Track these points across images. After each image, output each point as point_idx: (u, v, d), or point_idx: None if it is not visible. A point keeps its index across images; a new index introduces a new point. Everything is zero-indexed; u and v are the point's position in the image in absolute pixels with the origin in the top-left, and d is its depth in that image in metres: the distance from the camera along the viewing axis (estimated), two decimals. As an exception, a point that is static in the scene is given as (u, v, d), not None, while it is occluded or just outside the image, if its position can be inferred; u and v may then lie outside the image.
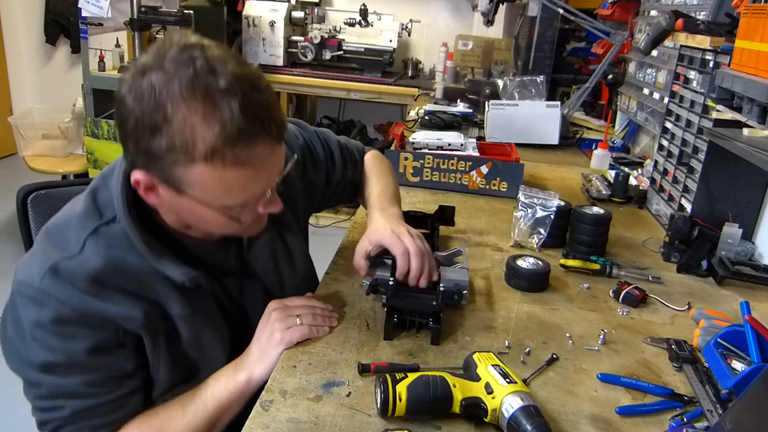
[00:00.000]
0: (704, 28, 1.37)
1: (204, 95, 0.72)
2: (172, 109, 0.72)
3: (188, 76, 0.72)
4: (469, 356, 0.85)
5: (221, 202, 0.80)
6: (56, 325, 0.81)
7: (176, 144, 0.73)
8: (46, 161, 3.40)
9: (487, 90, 2.82)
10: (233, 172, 0.76)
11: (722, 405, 0.84)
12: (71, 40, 4.79)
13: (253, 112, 0.75)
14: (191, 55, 0.73)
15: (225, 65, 0.74)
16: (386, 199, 1.17)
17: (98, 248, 0.83)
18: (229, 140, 0.73)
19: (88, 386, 0.84)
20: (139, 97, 0.73)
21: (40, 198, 1.15)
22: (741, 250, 1.34)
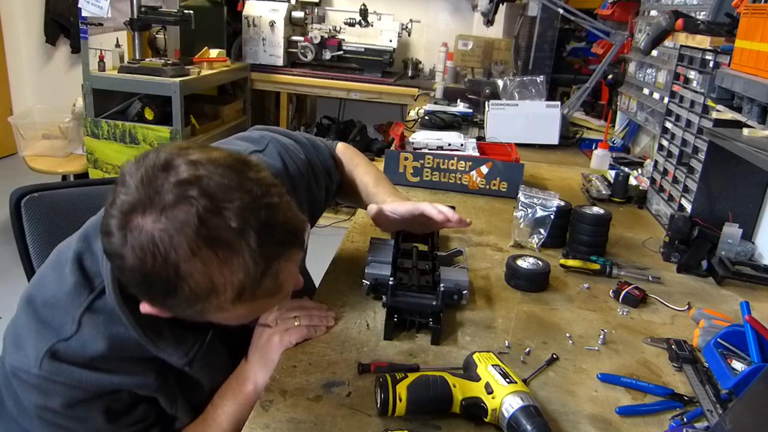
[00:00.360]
0: (704, 28, 1.37)
1: (216, 243, 0.64)
2: (185, 265, 0.64)
3: (193, 225, 0.63)
4: (469, 356, 0.85)
5: (245, 321, 0.78)
6: (69, 409, 0.77)
7: (196, 296, 0.67)
8: (46, 161, 3.40)
9: (487, 90, 2.82)
10: (261, 300, 0.72)
11: (722, 405, 0.84)
12: (71, 40, 4.79)
13: (273, 238, 0.67)
14: (187, 195, 0.63)
15: (228, 194, 0.65)
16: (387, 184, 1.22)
17: (97, 327, 0.77)
18: (255, 280, 0.67)
19: None
20: (141, 254, 0.64)
21: (34, 201, 1.11)
22: (741, 250, 1.34)
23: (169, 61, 3.04)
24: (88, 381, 0.77)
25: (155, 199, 0.63)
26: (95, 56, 3.01)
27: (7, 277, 2.88)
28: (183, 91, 2.97)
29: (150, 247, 0.63)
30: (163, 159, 0.65)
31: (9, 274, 2.90)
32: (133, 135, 3.01)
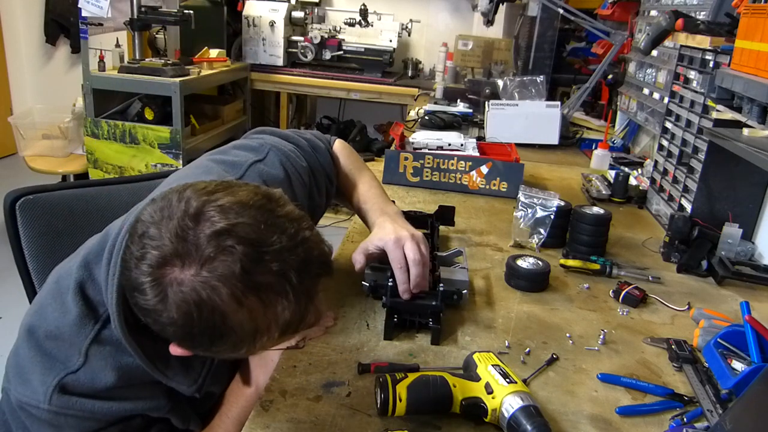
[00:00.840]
0: (704, 28, 1.37)
1: (261, 289, 0.64)
2: (232, 315, 0.64)
3: (237, 275, 0.63)
4: (469, 356, 0.85)
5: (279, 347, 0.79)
6: None
7: (242, 341, 0.67)
8: (46, 161, 3.40)
9: (487, 90, 2.82)
10: (303, 332, 0.75)
11: (722, 405, 0.83)
12: (71, 40, 4.79)
13: (310, 273, 0.68)
14: (226, 245, 0.63)
15: (265, 238, 0.65)
16: (377, 196, 1.15)
17: (105, 358, 0.77)
18: (298, 317, 0.68)
19: None
20: (185, 308, 0.63)
21: (28, 203, 1.09)
22: (741, 250, 1.34)
23: (169, 61, 3.04)
24: (100, 411, 0.76)
25: (193, 253, 0.62)
26: (95, 56, 3.01)
27: (6, 278, 2.88)
28: (183, 91, 2.97)
29: (194, 300, 0.62)
30: (194, 209, 0.64)
31: (9, 274, 2.88)
32: (133, 135, 3.01)
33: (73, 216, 1.15)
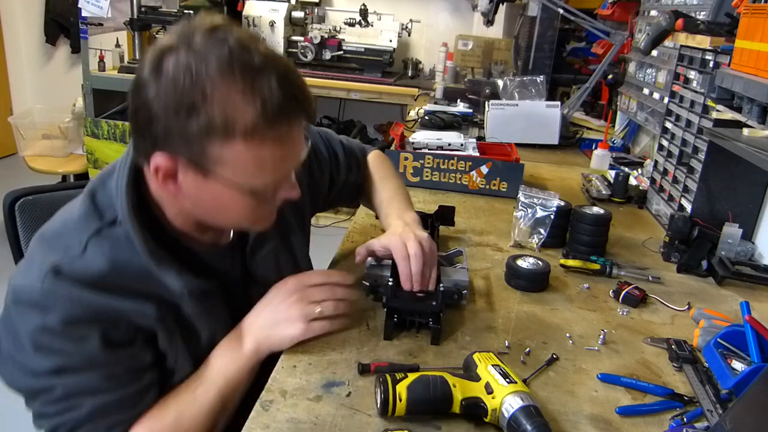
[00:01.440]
0: (704, 28, 1.37)
1: (242, 72, 0.71)
2: (211, 87, 0.70)
3: (224, 54, 0.71)
4: (469, 356, 0.85)
5: (251, 182, 0.78)
6: (66, 327, 0.77)
7: (216, 122, 0.71)
8: (46, 161, 3.40)
9: (487, 90, 2.82)
10: (271, 150, 0.76)
11: (722, 405, 0.84)
12: (71, 40, 4.79)
13: (290, 89, 0.75)
14: (221, 35, 0.73)
15: (256, 44, 0.75)
16: (399, 203, 1.17)
17: (102, 250, 0.80)
18: (270, 117, 0.73)
19: (107, 380, 0.80)
20: (169, 78, 0.71)
21: (28, 204, 1.10)
22: (741, 250, 1.34)
23: (169, 61, 3.04)
24: (87, 300, 0.77)
25: (191, 40, 0.72)
26: (95, 56, 3.01)
27: (6, 278, 2.87)
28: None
29: (182, 70, 0.70)
30: (208, 23, 0.74)
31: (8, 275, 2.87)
32: (133, 135, 3.01)
33: None
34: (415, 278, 0.99)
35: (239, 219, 0.86)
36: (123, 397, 0.81)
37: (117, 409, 0.81)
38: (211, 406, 0.85)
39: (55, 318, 0.76)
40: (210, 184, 0.78)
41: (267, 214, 0.88)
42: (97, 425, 0.80)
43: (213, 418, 0.86)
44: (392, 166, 1.35)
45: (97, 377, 0.79)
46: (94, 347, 0.78)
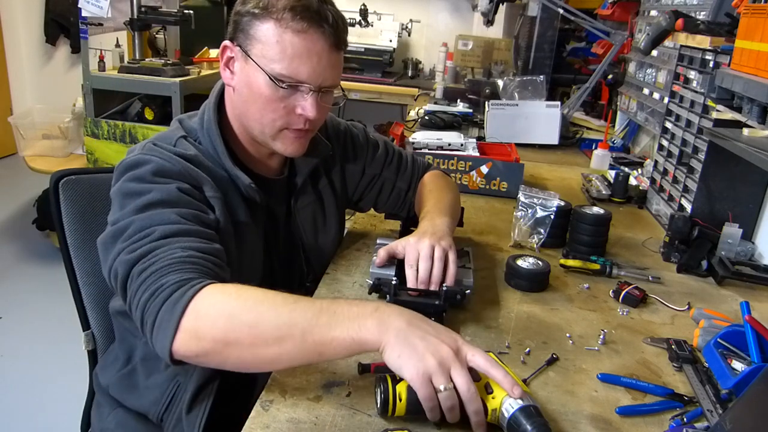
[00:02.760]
0: (704, 28, 1.37)
1: None
2: None
3: None
4: None
5: (272, 65, 0.94)
6: (154, 175, 0.91)
7: (261, 3, 0.94)
8: (46, 161, 3.39)
9: (487, 90, 2.83)
10: (291, 37, 0.93)
11: (722, 405, 0.84)
12: (71, 40, 4.79)
13: (324, 8, 0.96)
14: None
15: None
16: (438, 209, 1.17)
17: (188, 146, 1.00)
18: (298, 9, 0.92)
19: (179, 215, 0.88)
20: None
21: (71, 183, 1.22)
22: (741, 250, 1.34)
23: (169, 61, 3.04)
24: (176, 161, 0.95)
25: None
26: (95, 56, 3.01)
27: (7, 278, 2.88)
28: (183, 91, 2.96)
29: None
30: None
31: (9, 274, 2.91)
32: (133, 135, 3.01)
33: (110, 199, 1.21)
34: (420, 278, 1.00)
35: (260, 114, 0.99)
36: (191, 230, 0.87)
37: (187, 236, 0.86)
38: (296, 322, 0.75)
39: (147, 169, 0.92)
40: (248, 66, 0.97)
41: (284, 123, 1.00)
42: (171, 246, 0.83)
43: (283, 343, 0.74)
44: (451, 183, 1.33)
45: (169, 212, 0.88)
46: (172, 190, 0.91)
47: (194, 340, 0.76)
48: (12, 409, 2.16)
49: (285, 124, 1.00)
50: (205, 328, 0.76)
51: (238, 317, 0.76)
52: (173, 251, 0.82)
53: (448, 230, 1.11)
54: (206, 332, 0.76)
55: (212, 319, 0.76)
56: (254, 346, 0.75)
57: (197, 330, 0.76)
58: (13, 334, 2.55)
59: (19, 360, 2.40)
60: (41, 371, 2.33)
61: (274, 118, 0.99)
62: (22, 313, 2.68)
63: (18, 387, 2.27)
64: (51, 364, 2.37)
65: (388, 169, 1.29)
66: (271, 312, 0.76)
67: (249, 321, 0.75)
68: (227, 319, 0.76)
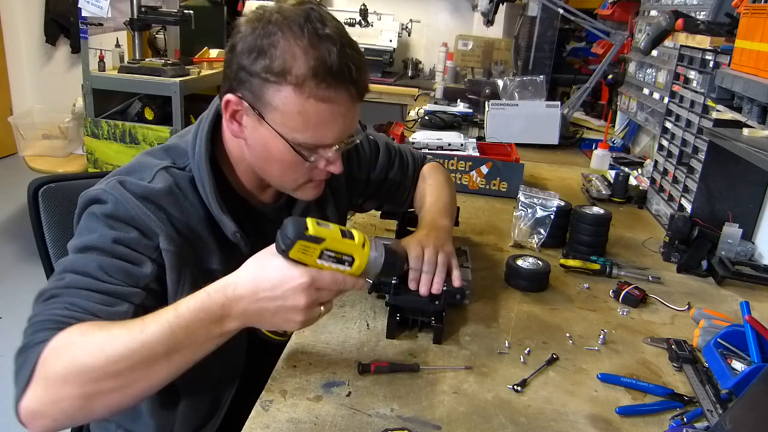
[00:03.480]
0: (704, 28, 1.37)
1: (310, 35, 0.83)
2: (281, 37, 0.83)
3: (301, 17, 0.83)
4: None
5: (294, 135, 0.86)
6: (106, 218, 0.86)
7: (275, 66, 0.83)
8: (46, 161, 3.39)
9: (487, 90, 2.82)
10: (314, 106, 0.84)
11: (722, 405, 0.84)
12: (71, 40, 4.79)
13: (346, 62, 0.84)
14: (308, 7, 0.85)
15: (333, 22, 0.86)
16: (437, 210, 1.18)
17: (165, 179, 0.91)
18: (321, 74, 0.82)
19: (99, 267, 0.82)
20: (254, 25, 0.84)
21: (50, 191, 1.17)
22: (741, 250, 1.34)
23: (169, 61, 3.04)
24: (133, 206, 0.87)
25: (283, 5, 0.86)
26: (95, 56, 3.01)
27: (7, 278, 2.88)
28: (183, 91, 2.97)
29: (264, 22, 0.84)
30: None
31: (9, 274, 2.90)
32: (133, 135, 3.01)
33: None
34: (422, 281, 0.98)
35: (280, 174, 0.93)
36: (98, 288, 0.81)
37: (85, 295, 0.80)
38: (154, 350, 0.72)
39: (101, 209, 0.87)
40: (263, 128, 0.87)
41: (307, 179, 0.94)
42: (63, 298, 0.80)
43: (148, 360, 0.73)
44: (449, 177, 1.34)
45: (93, 261, 0.83)
46: (109, 239, 0.84)
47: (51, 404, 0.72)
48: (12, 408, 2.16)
49: (308, 179, 0.94)
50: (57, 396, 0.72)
51: (91, 368, 0.71)
52: (57, 308, 0.78)
53: (448, 235, 1.11)
54: (60, 398, 0.71)
55: (62, 379, 0.71)
56: (118, 388, 0.72)
57: (51, 396, 0.72)
58: (13, 334, 2.54)
59: (19, 360, 2.40)
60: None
61: (297, 177, 0.93)
62: (22, 313, 2.68)
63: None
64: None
65: (392, 172, 1.28)
66: (125, 351, 0.71)
67: (103, 367, 0.71)
68: (78, 375, 0.71)
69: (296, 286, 0.76)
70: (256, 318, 0.76)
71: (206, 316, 0.74)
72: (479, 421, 0.79)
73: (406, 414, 0.80)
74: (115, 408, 0.74)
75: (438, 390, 0.85)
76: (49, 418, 0.72)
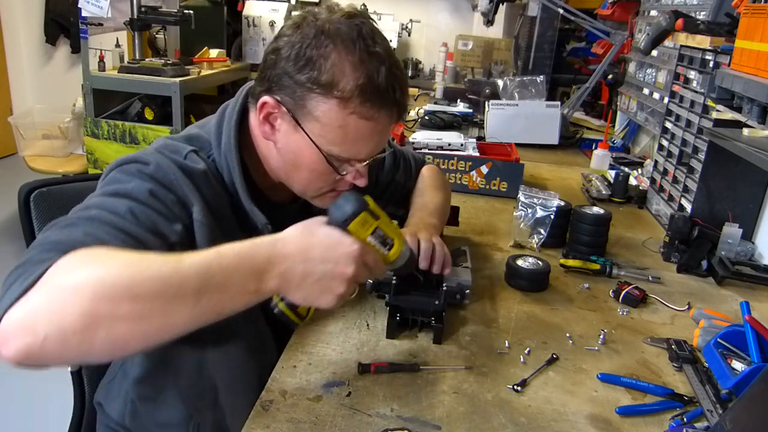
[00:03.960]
0: (704, 28, 1.37)
1: (362, 50, 0.82)
2: (331, 49, 0.82)
3: (354, 32, 0.82)
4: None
5: (330, 147, 0.86)
6: (142, 173, 0.83)
7: (322, 78, 0.82)
8: (46, 161, 3.40)
9: (487, 90, 2.82)
10: (356, 122, 0.84)
11: (722, 405, 0.84)
12: (71, 40, 4.79)
13: (393, 82, 0.84)
14: (360, 21, 0.84)
15: (382, 40, 0.86)
16: (427, 211, 1.19)
17: (197, 160, 0.89)
18: (368, 92, 0.82)
19: (130, 211, 0.77)
20: (305, 31, 0.83)
21: (42, 195, 1.11)
22: (741, 250, 1.34)
23: (169, 61, 3.04)
24: (174, 172, 0.84)
25: (333, 15, 0.84)
26: (95, 56, 3.01)
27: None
28: (183, 91, 2.97)
29: (316, 29, 0.82)
30: (352, 10, 0.86)
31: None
32: (133, 135, 3.01)
33: None
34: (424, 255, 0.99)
35: (307, 182, 0.92)
36: (124, 228, 0.75)
37: (108, 230, 0.73)
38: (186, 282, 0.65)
39: (139, 167, 0.84)
40: (297, 135, 0.86)
41: (330, 189, 0.93)
42: (82, 227, 0.73)
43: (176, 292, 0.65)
44: (444, 181, 1.36)
45: (123, 204, 0.78)
46: (145, 189, 0.81)
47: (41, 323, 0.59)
48: (12, 409, 2.16)
49: (331, 189, 0.94)
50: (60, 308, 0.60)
51: (105, 282, 0.62)
52: (73, 233, 0.70)
53: (437, 231, 1.13)
54: (64, 310, 0.60)
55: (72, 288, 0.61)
56: (131, 317, 0.62)
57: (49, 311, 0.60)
58: (13, 334, 2.55)
59: (19, 360, 2.40)
60: (41, 371, 2.32)
61: (321, 186, 0.93)
62: (22, 313, 2.68)
63: (18, 387, 2.27)
64: (51, 364, 2.37)
65: (398, 174, 1.28)
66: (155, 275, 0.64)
67: (123, 288, 0.62)
68: (93, 285, 0.61)
69: (349, 252, 0.75)
70: (296, 281, 0.73)
71: (249, 264, 0.70)
72: (479, 421, 0.79)
73: (406, 414, 0.80)
74: (115, 347, 0.63)
75: (438, 390, 0.85)
76: (36, 335, 0.59)
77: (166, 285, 0.64)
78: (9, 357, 0.59)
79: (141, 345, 0.64)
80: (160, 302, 0.63)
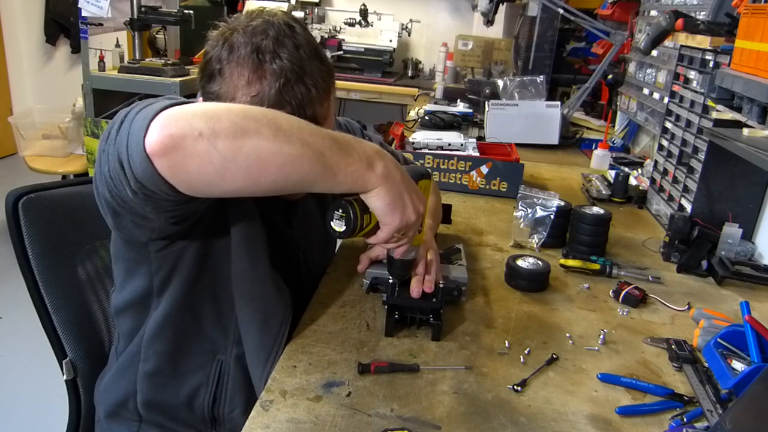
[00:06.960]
0: (704, 28, 1.37)
1: (256, 68, 0.84)
2: (229, 67, 0.85)
3: (254, 47, 0.84)
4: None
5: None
6: None
7: (221, 94, 0.86)
8: (46, 161, 3.40)
9: (487, 90, 2.83)
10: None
11: (722, 405, 0.83)
12: (71, 40, 4.79)
13: (287, 100, 0.84)
14: (267, 30, 0.85)
15: (288, 53, 0.85)
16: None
17: None
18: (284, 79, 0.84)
19: None
20: (215, 42, 0.87)
21: (31, 201, 1.08)
22: (741, 250, 1.34)
23: (169, 61, 3.05)
24: None
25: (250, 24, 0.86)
26: (95, 56, 3.01)
27: (7, 278, 2.88)
28: (183, 91, 2.97)
29: (223, 45, 0.86)
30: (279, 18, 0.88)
31: (9, 274, 2.90)
32: (133, 135, 3.01)
33: (74, 213, 1.14)
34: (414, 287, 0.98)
35: None
36: None
37: None
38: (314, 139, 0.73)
39: None
40: None
41: None
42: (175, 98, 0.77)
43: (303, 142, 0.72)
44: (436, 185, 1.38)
45: None
46: None
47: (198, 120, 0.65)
48: (12, 408, 2.16)
49: None
50: (216, 115, 0.67)
51: (253, 111, 0.71)
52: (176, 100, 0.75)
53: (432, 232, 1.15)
54: (219, 117, 0.67)
55: (222, 109, 0.69)
56: (275, 138, 0.68)
57: (205, 114, 0.67)
58: (13, 334, 2.56)
59: (19, 360, 2.40)
60: (41, 371, 2.32)
61: None
62: (22, 313, 2.69)
63: (18, 387, 2.27)
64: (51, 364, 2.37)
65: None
66: (291, 118, 0.73)
67: (267, 118, 0.70)
68: (242, 110, 0.70)
69: (423, 197, 0.87)
70: (394, 182, 0.80)
71: (362, 147, 0.78)
72: (479, 421, 0.79)
73: (406, 414, 0.80)
74: (251, 169, 0.68)
75: (438, 390, 0.85)
76: (193, 128, 0.65)
77: (301, 124, 0.73)
78: (157, 139, 0.64)
79: (271, 177, 0.70)
80: (297, 137, 0.71)
